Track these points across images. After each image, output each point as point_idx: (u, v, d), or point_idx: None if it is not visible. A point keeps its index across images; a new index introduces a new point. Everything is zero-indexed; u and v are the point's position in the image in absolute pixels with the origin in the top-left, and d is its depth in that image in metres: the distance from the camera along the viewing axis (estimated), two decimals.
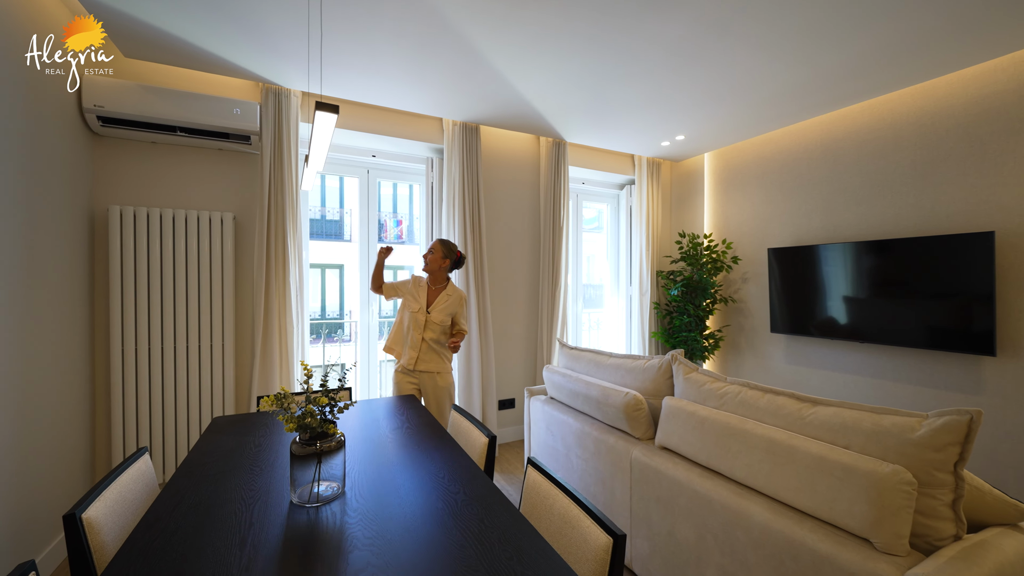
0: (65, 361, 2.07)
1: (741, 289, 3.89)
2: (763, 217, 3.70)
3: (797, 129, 3.43)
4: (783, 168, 3.54)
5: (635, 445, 1.97)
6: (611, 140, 3.76)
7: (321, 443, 1.21)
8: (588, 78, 2.61)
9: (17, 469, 1.74)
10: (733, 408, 1.73)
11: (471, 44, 2.24)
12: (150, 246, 2.35)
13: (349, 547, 1.01)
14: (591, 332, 5.10)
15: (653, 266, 4.19)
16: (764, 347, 3.69)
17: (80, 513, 1.09)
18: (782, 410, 1.58)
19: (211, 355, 2.50)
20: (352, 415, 1.94)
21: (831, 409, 1.46)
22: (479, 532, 1.06)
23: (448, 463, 1.46)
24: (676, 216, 4.47)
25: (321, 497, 1.20)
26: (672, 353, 2.10)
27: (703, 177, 4.18)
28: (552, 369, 2.67)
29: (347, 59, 2.37)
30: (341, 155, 3.25)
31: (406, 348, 2.43)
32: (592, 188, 4.36)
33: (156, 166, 2.46)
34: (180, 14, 2.00)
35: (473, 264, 3.23)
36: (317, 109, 1.03)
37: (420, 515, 1.14)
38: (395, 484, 1.31)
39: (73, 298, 2.14)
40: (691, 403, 1.85)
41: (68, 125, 2.10)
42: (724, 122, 3.35)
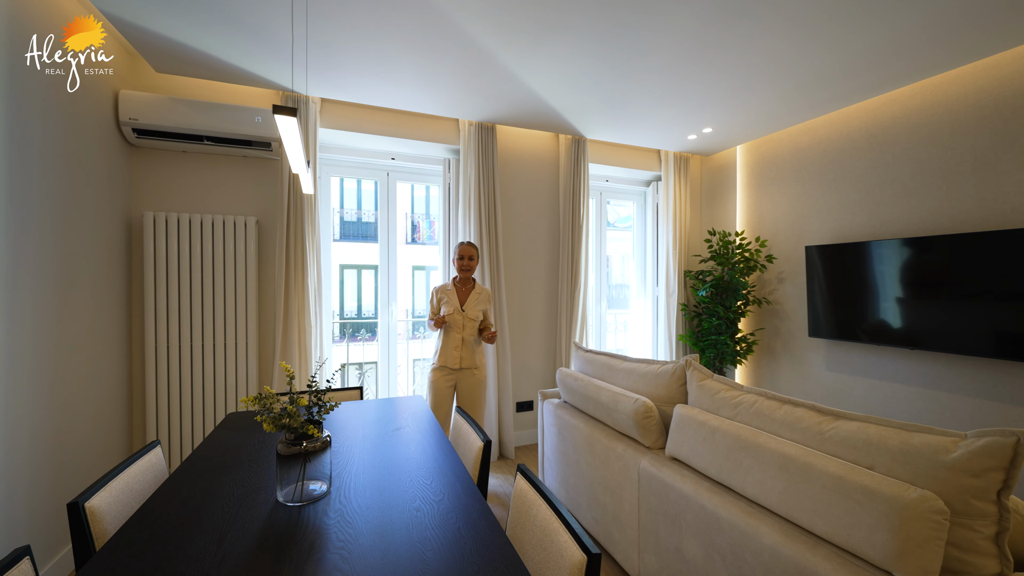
0: (102, 355, 2.23)
1: (777, 290, 3.64)
2: (800, 213, 3.44)
3: (837, 117, 3.17)
4: (822, 159, 3.28)
5: (644, 454, 1.88)
6: (633, 135, 3.63)
7: (306, 443, 1.22)
8: (601, 73, 2.53)
9: (54, 455, 1.89)
10: (747, 419, 1.61)
11: (477, 43, 2.22)
12: (180, 249, 2.49)
13: (321, 549, 1.00)
14: (617, 334, 4.96)
15: (681, 266, 4.01)
16: (802, 352, 3.44)
17: (83, 502, 1.15)
18: (800, 423, 1.44)
19: (236, 352, 2.62)
20: (357, 414, 1.97)
21: (854, 424, 1.32)
22: (453, 541, 1.03)
23: (438, 468, 1.44)
24: (707, 213, 4.25)
25: (305, 497, 1.21)
26: (687, 358, 1.99)
27: (735, 171, 3.95)
28: (565, 372, 2.61)
29: (359, 65, 2.42)
30: (361, 159, 3.32)
31: (448, 349, 2.60)
32: (617, 185, 4.24)
33: (186, 173, 2.60)
34: (204, 30, 2.10)
35: (489, 264, 3.21)
36: (274, 113, 1.04)
37: (399, 520, 1.13)
38: (382, 486, 1.31)
39: (110, 297, 2.30)
40: (703, 412, 1.73)
41: (107, 137, 2.27)
42: (755, 112, 3.15)
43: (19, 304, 1.69)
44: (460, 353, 2.59)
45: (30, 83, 1.73)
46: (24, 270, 1.71)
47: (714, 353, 3.70)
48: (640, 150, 3.99)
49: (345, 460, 1.50)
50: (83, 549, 1.12)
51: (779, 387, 3.60)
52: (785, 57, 2.38)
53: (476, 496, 1.25)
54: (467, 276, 2.65)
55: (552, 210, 3.65)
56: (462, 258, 2.62)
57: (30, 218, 1.74)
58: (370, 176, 3.46)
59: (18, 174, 1.68)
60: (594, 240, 4.16)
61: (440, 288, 2.68)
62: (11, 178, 1.64)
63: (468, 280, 2.68)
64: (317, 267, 2.77)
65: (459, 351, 2.59)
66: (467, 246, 2.65)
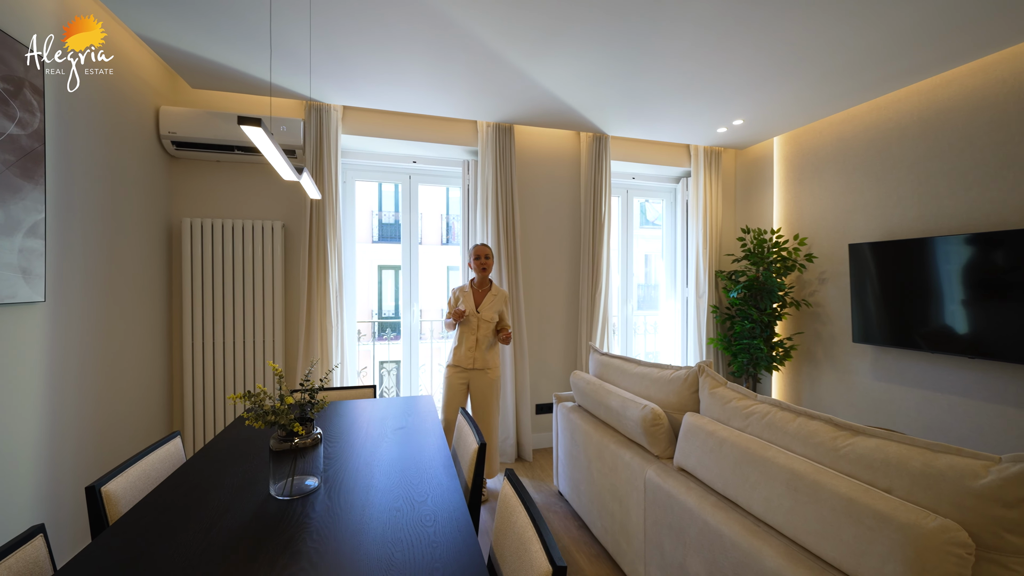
0: (146, 351, 2.43)
1: (818, 291, 3.38)
2: (844, 208, 3.18)
3: (885, 102, 2.89)
4: (868, 149, 3.01)
5: (651, 463, 1.80)
6: (658, 131, 3.50)
7: (297, 440, 1.27)
8: (616, 69, 2.45)
9: (102, 444, 2.08)
10: (759, 431, 1.50)
11: (485, 45, 2.22)
12: (214, 253, 2.67)
13: (298, 543, 1.03)
14: (646, 336, 4.80)
15: (711, 265, 3.82)
16: (846, 359, 3.17)
17: (100, 487, 1.26)
18: (813, 437, 1.33)
19: (263, 350, 2.77)
20: (365, 412, 2.02)
21: (873, 441, 1.20)
22: (424, 545, 1.03)
23: (430, 469, 1.45)
24: (741, 210, 4.02)
25: (295, 492, 1.26)
26: (699, 363, 1.88)
27: (771, 165, 3.71)
28: (578, 375, 2.55)
29: (372, 73, 2.49)
30: (384, 163, 3.41)
31: (462, 348, 2.65)
32: (644, 183, 4.10)
33: (220, 181, 2.78)
34: (232, 48, 2.24)
35: (507, 265, 3.20)
36: (239, 123, 1.08)
37: (378, 519, 1.14)
38: (371, 484, 1.33)
39: (153, 298, 2.50)
40: (712, 421, 1.64)
41: (149, 150, 2.47)
42: (791, 101, 2.94)
43: (70, 305, 1.87)
44: (474, 354, 2.61)
45: (78, 100, 1.91)
46: (74, 272, 1.89)
47: (747, 358, 3.50)
48: (667, 145, 3.84)
49: (344, 457, 1.54)
50: (100, 530, 1.22)
51: (820, 396, 3.34)
52: (820, 38, 2.20)
53: (460, 500, 1.24)
54: (484, 277, 2.68)
55: (574, 209, 3.59)
56: (478, 258, 2.66)
57: (79, 225, 1.92)
58: (394, 180, 3.55)
59: (67, 186, 1.86)
60: (620, 240, 4.05)
61: (458, 289, 2.73)
62: (61, 189, 1.82)
63: (485, 281, 2.70)
64: (339, 269, 2.87)
65: (473, 351, 2.61)
66: (482, 247, 2.68)
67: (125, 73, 2.22)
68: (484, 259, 2.66)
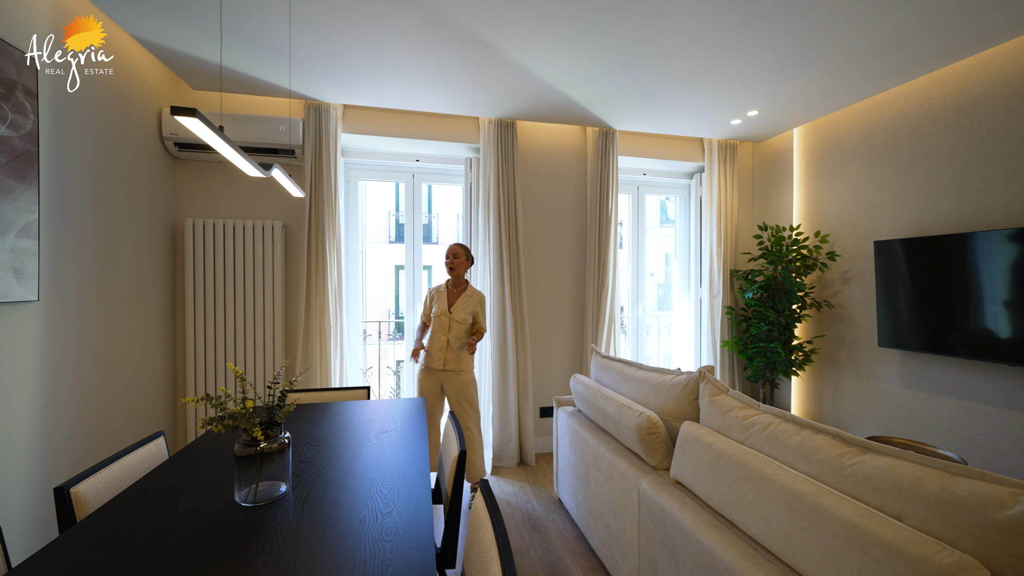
0: (145, 349, 2.46)
1: (841, 292, 3.18)
2: (870, 203, 2.97)
3: (915, 87, 2.68)
4: (897, 139, 2.79)
5: (647, 475, 1.69)
6: (667, 124, 3.35)
7: (264, 444, 1.22)
8: (616, 57, 2.34)
9: (97, 442, 2.11)
10: (759, 443, 1.38)
11: (475, 36, 2.14)
12: (215, 253, 2.69)
13: (250, 554, 0.99)
14: (660, 338, 4.64)
15: (726, 264, 3.65)
16: (871, 364, 2.96)
17: (69, 488, 1.24)
18: (818, 453, 1.20)
19: (263, 349, 2.78)
20: (354, 415, 1.98)
21: (885, 460, 1.07)
22: (378, 561, 0.97)
23: (404, 477, 1.39)
24: (759, 206, 3.83)
25: (260, 498, 1.21)
26: (701, 369, 1.76)
27: (791, 158, 3.51)
28: (578, 379, 2.45)
29: (366, 70, 2.46)
30: (387, 162, 3.39)
31: (432, 350, 2.59)
32: (656, 179, 3.95)
33: (222, 182, 2.81)
34: (229, 50, 2.25)
35: (509, 265, 3.12)
36: (172, 114, 1.04)
37: (339, 531, 1.08)
38: (340, 492, 1.28)
39: (156, 296, 2.54)
40: (710, 432, 1.52)
41: (152, 151, 2.50)
42: (810, 88, 2.76)
43: (65, 304, 1.89)
44: (444, 354, 2.55)
45: (77, 102, 1.94)
46: (70, 272, 1.92)
47: (764, 362, 3.31)
48: (679, 139, 3.68)
49: (322, 462, 1.49)
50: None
51: (843, 404, 3.14)
52: (842, 19, 2.04)
53: (426, 513, 1.17)
54: (455, 277, 2.61)
55: (580, 207, 3.48)
56: (447, 258, 2.60)
57: (76, 226, 1.95)
58: (397, 179, 3.52)
59: (63, 187, 1.89)
60: (631, 238, 3.92)
61: (434, 288, 2.69)
62: (57, 190, 1.85)
63: (460, 281, 2.64)
64: (338, 269, 2.86)
65: (443, 352, 2.54)
66: (452, 246, 2.62)
67: (127, 75, 2.25)
68: (452, 258, 2.59)
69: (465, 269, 2.65)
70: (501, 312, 3.11)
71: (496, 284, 3.10)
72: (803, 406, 3.46)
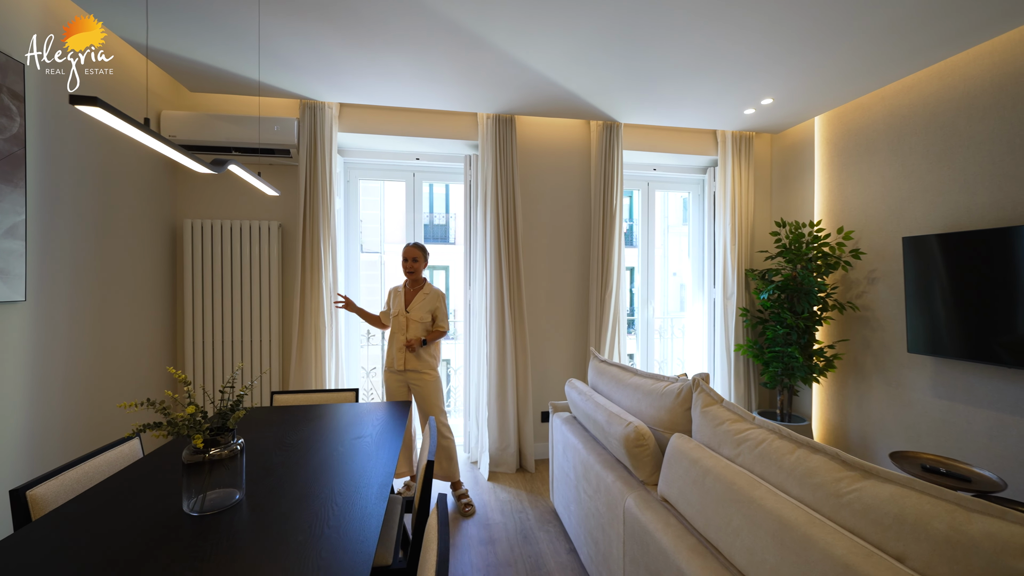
0: (145, 348, 2.50)
1: (866, 292, 2.94)
2: (898, 196, 2.73)
3: (949, 67, 2.43)
4: (929, 126, 2.55)
5: (634, 490, 1.57)
6: (675, 116, 3.19)
7: (214, 451, 1.18)
8: (610, 43, 2.21)
9: (88, 438, 2.13)
10: (751, 462, 1.24)
11: (460, 27, 2.06)
12: (213, 253, 2.71)
13: (179, 563, 0.94)
14: (675, 341, 4.45)
15: (741, 263, 3.44)
16: (900, 372, 2.72)
17: (26, 491, 1.23)
18: (812, 476, 1.06)
19: (260, 348, 2.78)
20: (333, 419, 1.93)
21: (888, 489, 0.92)
22: None
23: (364, 488, 1.32)
24: (778, 201, 3.60)
25: (208, 508, 1.17)
26: (695, 376, 1.63)
27: (812, 149, 3.28)
28: (573, 384, 2.34)
29: (357, 67, 2.43)
30: (388, 160, 3.35)
31: (392, 351, 2.56)
32: (667, 174, 3.78)
33: (220, 183, 2.83)
34: (226, 53, 2.26)
35: (508, 264, 3.03)
36: (71, 103, 0.99)
37: (280, 544, 1.02)
38: (294, 504, 1.21)
39: (155, 297, 2.57)
40: (699, 447, 1.39)
41: (151, 154, 2.53)
42: (830, 71, 2.55)
43: (55, 304, 1.92)
44: (404, 355, 2.50)
45: (69, 106, 1.96)
46: (61, 272, 1.95)
47: (780, 368, 3.10)
48: (690, 132, 3.50)
49: (289, 466, 1.44)
50: None
51: (868, 414, 2.90)
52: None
53: (372, 528, 1.10)
54: (413, 279, 2.55)
55: (584, 204, 3.35)
56: (405, 260, 2.54)
57: (68, 227, 1.98)
58: (399, 178, 3.48)
59: (53, 189, 1.91)
60: (642, 235, 3.76)
61: (393, 289, 2.64)
62: (47, 192, 1.88)
63: (419, 280, 2.58)
64: (333, 269, 2.83)
65: (402, 352, 2.50)
66: (411, 248, 2.54)
67: (123, 79, 2.28)
68: (411, 262, 2.53)
69: (423, 269, 2.60)
70: (500, 313, 3.02)
71: (495, 284, 3.01)
72: (824, 416, 3.23)
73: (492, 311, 3.01)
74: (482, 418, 3.07)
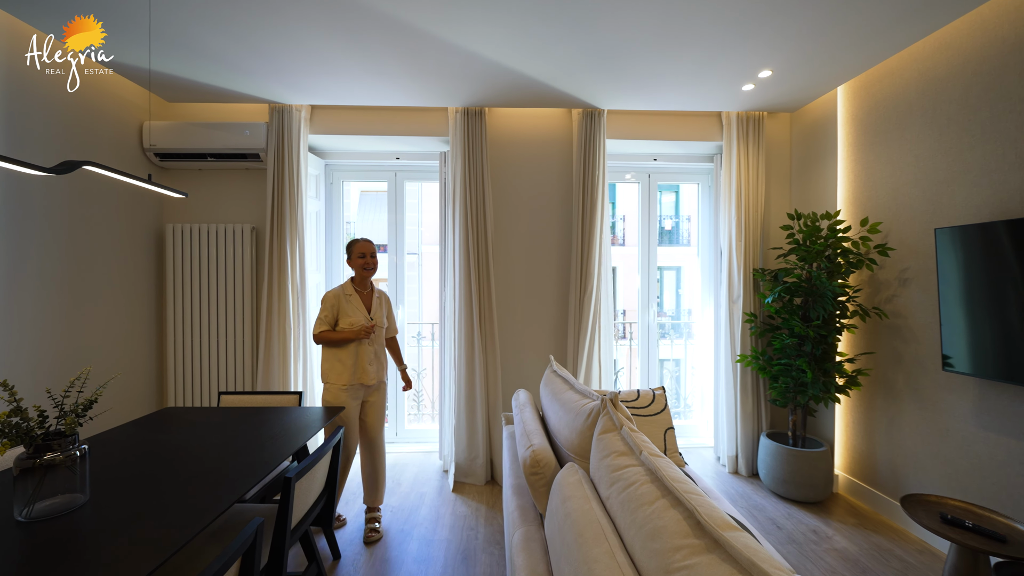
0: (127, 350, 2.65)
1: (898, 296, 2.44)
2: (935, 177, 2.23)
3: (994, 13, 1.93)
4: (970, 89, 2.05)
5: (525, 524, 1.37)
6: (662, 98, 2.85)
7: (49, 455, 1.16)
8: (547, 19, 1.98)
9: None
10: (616, 508, 1.01)
11: (386, 15, 1.95)
12: (192, 256, 2.83)
13: None
14: (687, 349, 4.05)
15: (748, 262, 3.02)
16: (937, 394, 2.22)
17: None
18: (655, 539, 0.82)
19: (233, 348, 2.86)
20: (261, 423, 1.90)
21: (724, 571, 0.67)
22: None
23: (225, 494, 1.24)
24: (798, 190, 3.12)
25: (36, 515, 1.14)
26: (607, 397, 1.38)
27: (834, 127, 2.79)
28: (518, 396, 2.15)
29: (305, 66, 2.40)
30: (368, 161, 3.33)
31: (362, 363, 2.22)
32: (669, 164, 3.43)
33: (200, 188, 2.95)
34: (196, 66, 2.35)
35: (477, 266, 2.87)
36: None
37: (92, 545, 0.96)
38: (147, 504, 1.17)
39: (138, 300, 2.72)
40: (579, 483, 1.17)
41: (134, 162, 2.69)
42: (844, 31, 2.13)
43: (22, 308, 2.07)
44: (375, 367, 2.26)
45: (50, 119, 2.11)
46: (31, 278, 2.09)
47: (789, 383, 2.67)
48: (692, 116, 3.13)
49: (164, 474, 1.41)
50: None
51: (900, 443, 2.40)
52: None
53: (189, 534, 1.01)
54: (367, 278, 2.30)
55: (566, 200, 3.11)
56: (363, 256, 2.23)
57: (39, 234, 2.13)
58: (380, 179, 3.46)
59: (23, 198, 2.06)
60: (640, 232, 3.45)
61: (333, 295, 2.21)
62: (14, 202, 2.02)
63: (367, 282, 2.32)
64: (301, 270, 2.84)
65: (374, 364, 2.25)
66: (368, 243, 2.27)
67: (103, 93, 2.43)
68: (371, 257, 2.26)
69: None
70: (468, 317, 2.87)
71: (463, 286, 2.87)
72: (849, 441, 2.73)
73: (460, 315, 2.88)
74: (448, 425, 2.95)
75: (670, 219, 6.05)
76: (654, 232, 3.54)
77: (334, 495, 1.77)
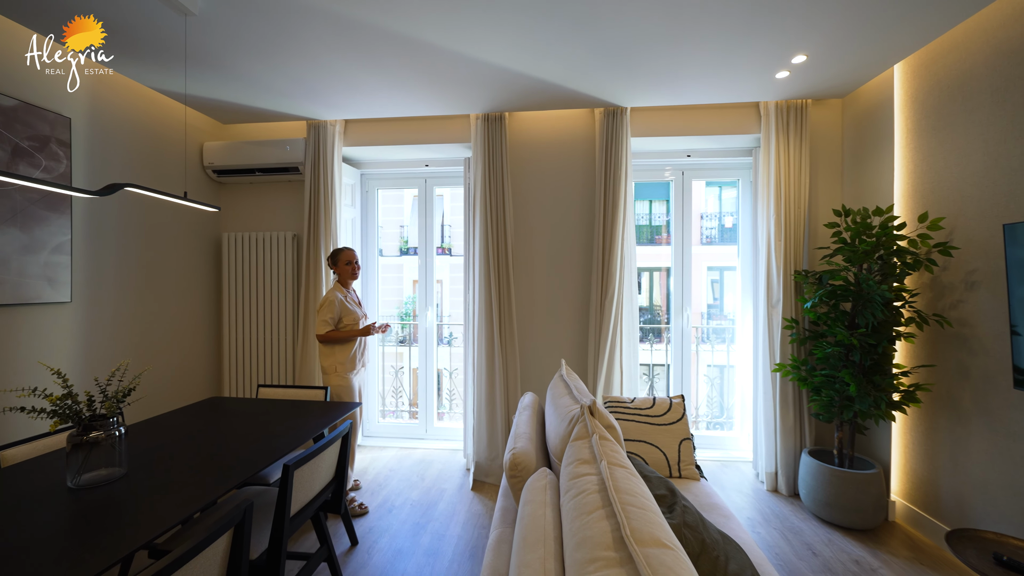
0: (187, 344, 3.00)
1: (964, 302, 2.13)
2: (1008, 166, 1.93)
3: None
4: None
5: (501, 526, 1.38)
6: (688, 92, 2.71)
7: (95, 433, 1.36)
8: (555, 20, 1.97)
9: (129, 418, 2.64)
10: (568, 512, 0.99)
11: (399, 34, 2.05)
12: (243, 262, 3.15)
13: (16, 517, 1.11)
14: (730, 354, 3.81)
15: (789, 264, 2.78)
16: (1009, 415, 1.91)
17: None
18: (582, 548, 0.82)
19: (279, 346, 3.14)
20: (281, 414, 2.08)
21: None
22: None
23: (231, 471, 1.39)
24: (850, 184, 2.83)
25: (83, 484, 1.35)
26: (586, 404, 1.36)
27: (891, 111, 2.50)
28: (524, 399, 2.15)
29: (330, 86, 2.59)
30: (400, 169, 3.50)
31: (360, 352, 2.66)
32: (704, 160, 3.26)
33: (252, 200, 3.27)
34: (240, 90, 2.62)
35: (497, 269, 2.91)
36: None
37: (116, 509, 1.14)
38: (173, 480, 1.34)
39: (199, 301, 3.08)
40: (542, 489, 1.17)
41: (198, 179, 3.05)
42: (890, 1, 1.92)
43: (99, 305, 2.43)
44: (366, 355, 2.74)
45: (117, 148, 2.47)
46: (105, 280, 2.46)
47: (833, 396, 2.43)
48: (726, 108, 2.95)
49: (196, 455, 1.60)
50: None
51: (966, 469, 2.10)
52: None
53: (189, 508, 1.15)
54: (354, 280, 2.70)
55: (588, 201, 3.06)
56: (350, 263, 2.63)
57: (114, 242, 2.49)
58: (411, 185, 3.62)
59: (99, 214, 2.42)
60: (676, 231, 3.31)
61: (335, 299, 2.53)
62: (92, 217, 2.38)
63: (349, 285, 2.70)
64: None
65: (366, 353, 2.74)
66: (351, 251, 2.66)
67: (165, 118, 2.79)
68: (356, 264, 2.66)
69: None
70: (488, 319, 2.92)
71: (483, 288, 2.93)
72: (907, 464, 2.43)
73: (480, 319, 2.94)
74: (468, 425, 3.02)
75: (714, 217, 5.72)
76: (687, 231, 3.38)
77: (343, 483, 1.89)
